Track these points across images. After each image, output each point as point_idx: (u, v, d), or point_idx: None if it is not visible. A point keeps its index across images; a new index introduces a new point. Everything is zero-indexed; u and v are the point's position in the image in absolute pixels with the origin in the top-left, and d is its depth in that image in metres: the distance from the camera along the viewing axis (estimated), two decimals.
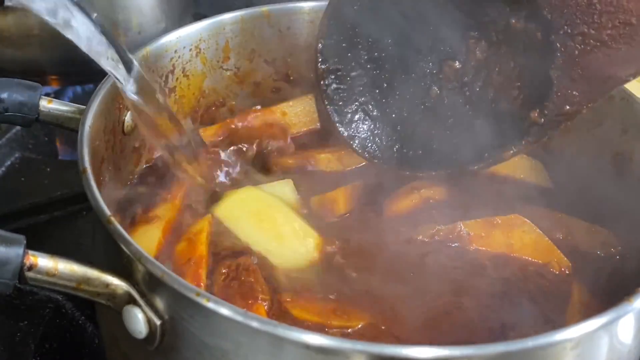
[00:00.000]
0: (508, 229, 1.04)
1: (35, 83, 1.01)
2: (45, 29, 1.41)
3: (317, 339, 0.71)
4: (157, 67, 1.15)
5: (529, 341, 0.73)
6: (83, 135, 0.94)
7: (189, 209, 1.07)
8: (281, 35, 1.27)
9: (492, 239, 1.04)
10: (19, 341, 1.08)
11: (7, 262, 0.77)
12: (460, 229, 1.03)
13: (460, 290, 0.98)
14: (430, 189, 1.12)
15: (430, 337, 0.91)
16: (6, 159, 1.39)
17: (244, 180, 1.14)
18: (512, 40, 1.05)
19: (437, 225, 1.05)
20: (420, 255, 1.03)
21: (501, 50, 1.07)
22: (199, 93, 1.24)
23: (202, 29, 1.20)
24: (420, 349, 0.71)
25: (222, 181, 1.14)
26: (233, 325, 0.74)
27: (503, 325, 0.93)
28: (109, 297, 0.81)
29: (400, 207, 1.10)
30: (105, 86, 1.02)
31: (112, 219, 0.82)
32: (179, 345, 0.80)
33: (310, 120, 1.26)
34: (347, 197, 1.11)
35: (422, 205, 1.10)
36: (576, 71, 0.99)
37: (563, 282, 1.02)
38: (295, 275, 0.99)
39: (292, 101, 1.26)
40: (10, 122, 1.00)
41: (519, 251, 1.03)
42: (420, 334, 0.91)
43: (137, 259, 0.78)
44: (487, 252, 1.03)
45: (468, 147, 1.10)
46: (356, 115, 1.17)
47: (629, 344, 0.84)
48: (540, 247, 1.03)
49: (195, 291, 0.75)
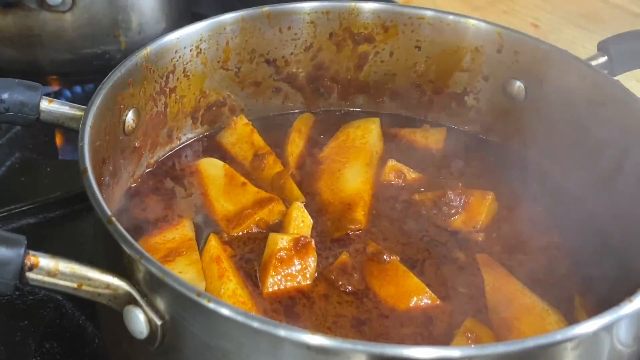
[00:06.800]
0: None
1: (35, 83, 1.01)
2: (45, 29, 1.42)
3: (317, 339, 0.71)
4: (158, 67, 1.15)
5: (529, 341, 0.73)
6: (84, 135, 0.94)
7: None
8: (281, 35, 1.27)
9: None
10: (19, 341, 1.08)
11: (8, 263, 0.77)
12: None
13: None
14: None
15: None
16: (6, 159, 1.39)
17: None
18: None
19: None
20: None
21: None
22: (199, 93, 1.24)
23: (202, 29, 1.20)
24: (420, 349, 0.71)
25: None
26: (234, 325, 0.74)
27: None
28: (109, 298, 0.81)
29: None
30: (106, 86, 1.02)
31: (113, 219, 0.82)
32: (180, 346, 0.80)
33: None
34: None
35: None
36: None
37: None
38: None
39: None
40: (10, 122, 1.00)
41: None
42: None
43: (138, 259, 0.78)
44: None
45: None
46: None
47: (630, 344, 0.84)
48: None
49: (196, 291, 0.75)
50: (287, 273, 0.99)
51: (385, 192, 1.18)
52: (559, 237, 1.11)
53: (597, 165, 1.13)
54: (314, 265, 1.01)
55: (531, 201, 1.16)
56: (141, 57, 1.11)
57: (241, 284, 0.98)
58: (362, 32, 1.30)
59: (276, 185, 1.16)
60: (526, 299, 0.99)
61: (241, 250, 1.05)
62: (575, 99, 1.16)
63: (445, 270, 1.04)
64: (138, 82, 1.11)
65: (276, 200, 1.11)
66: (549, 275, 1.05)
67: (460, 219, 1.12)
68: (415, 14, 1.28)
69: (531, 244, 1.09)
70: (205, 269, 0.99)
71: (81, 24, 1.43)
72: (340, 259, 1.03)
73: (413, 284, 1.00)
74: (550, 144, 1.21)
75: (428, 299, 0.98)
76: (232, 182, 1.15)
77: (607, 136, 1.11)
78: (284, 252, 0.99)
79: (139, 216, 1.09)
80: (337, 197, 1.15)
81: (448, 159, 1.27)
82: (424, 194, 1.16)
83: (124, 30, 1.46)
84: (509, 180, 1.19)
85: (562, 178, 1.19)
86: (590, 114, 1.14)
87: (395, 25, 1.29)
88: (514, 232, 1.11)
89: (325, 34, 1.29)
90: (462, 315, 0.97)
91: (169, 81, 1.18)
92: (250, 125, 1.25)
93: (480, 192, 1.15)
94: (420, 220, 1.13)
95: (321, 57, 1.31)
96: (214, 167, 1.18)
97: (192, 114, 1.24)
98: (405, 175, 1.20)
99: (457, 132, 1.32)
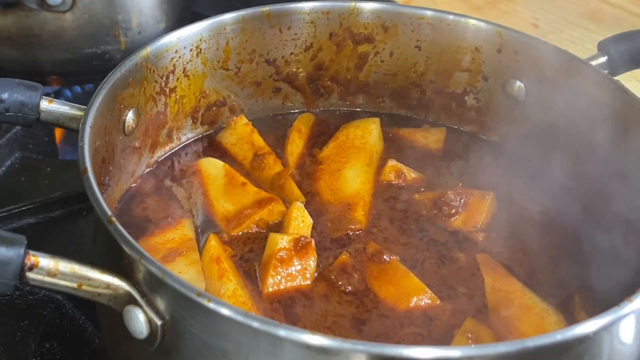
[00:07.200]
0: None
1: (35, 83, 1.01)
2: (45, 29, 1.42)
3: (317, 339, 0.71)
4: (158, 67, 1.15)
5: (529, 341, 0.73)
6: (84, 135, 0.94)
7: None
8: (281, 35, 1.27)
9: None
10: (19, 341, 1.08)
11: (8, 263, 0.77)
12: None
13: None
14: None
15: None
16: (6, 159, 1.39)
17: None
18: None
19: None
20: None
21: None
22: (199, 93, 1.24)
23: (202, 29, 1.20)
24: (420, 349, 0.71)
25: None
26: (234, 325, 0.74)
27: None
28: (109, 298, 0.81)
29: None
30: (106, 86, 1.02)
31: (113, 219, 0.82)
32: (180, 346, 0.80)
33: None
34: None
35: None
36: None
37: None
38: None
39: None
40: (10, 122, 1.00)
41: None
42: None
43: (138, 259, 0.78)
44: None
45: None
46: None
47: (630, 344, 0.84)
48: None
49: (196, 291, 0.75)
50: (287, 273, 0.99)
51: (385, 192, 1.18)
52: (559, 236, 1.11)
53: (597, 165, 1.13)
54: (314, 265, 1.01)
55: (531, 201, 1.16)
56: (141, 57, 1.11)
57: (241, 284, 0.98)
58: (362, 32, 1.30)
59: (276, 185, 1.16)
60: (526, 299, 0.99)
61: (241, 250, 1.05)
62: (575, 99, 1.16)
63: (445, 270, 1.04)
64: (138, 82, 1.11)
65: (276, 200, 1.11)
66: (549, 275, 1.05)
67: (460, 219, 1.12)
68: (415, 14, 1.28)
69: (531, 244, 1.09)
70: (205, 269, 0.99)
71: (81, 24, 1.43)
72: (340, 259, 1.03)
73: (413, 284, 1.00)
74: (550, 144, 1.21)
75: (428, 299, 0.98)
76: (232, 182, 1.15)
77: (607, 136, 1.11)
78: (284, 252, 0.99)
79: (139, 216, 1.09)
80: (337, 197, 1.15)
81: (448, 159, 1.27)
82: (424, 194, 1.16)
83: (124, 30, 1.46)
84: (509, 180, 1.20)
85: (562, 178, 1.19)
86: (590, 114, 1.14)
87: (395, 25, 1.29)
88: (514, 232, 1.11)
89: (325, 34, 1.29)
90: (462, 315, 0.97)
91: (169, 81, 1.18)
92: (250, 125, 1.25)
93: (480, 192, 1.15)
94: (420, 220, 1.13)
95: (321, 57, 1.31)
96: (214, 167, 1.18)
97: (192, 113, 1.25)
98: (405, 175, 1.20)
99: (457, 132, 1.33)
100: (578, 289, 1.02)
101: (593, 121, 1.13)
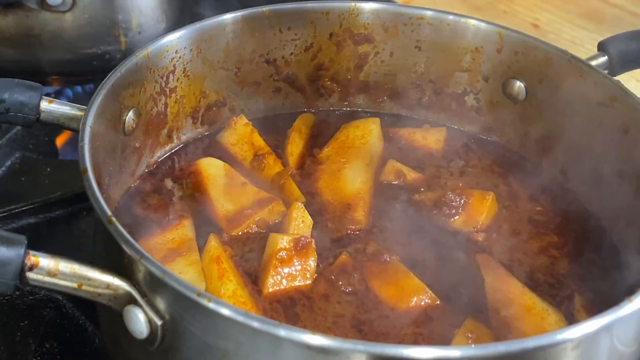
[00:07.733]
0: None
1: (36, 83, 1.01)
2: (45, 29, 1.42)
3: (317, 339, 0.71)
4: (158, 67, 1.15)
5: (529, 341, 0.73)
6: (84, 135, 0.94)
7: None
8: (281, 35, 1.27)
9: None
10: (19, 341, 1.08)
11: (8, 263, 0.77)
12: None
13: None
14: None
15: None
16: (6, 159, 1.39)
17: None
18: None
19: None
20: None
21: None
22: (199, 93, 1.24)
23: (202, 29, 1.20)
24: (420, 349, 0.71)
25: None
26: (234, 325, 0.74)
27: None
28: (109, 298, 0.81)
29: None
30: (106, 86, 1.02)
31: (113, 219, 0.82)
32: (180, 346, 0.80)
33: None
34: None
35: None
36: None
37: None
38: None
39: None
40: (11, 122, 1.00)
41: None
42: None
43: (138, 259, 0.78)
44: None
45: None
46: None
47: (630, 344, 0.84)
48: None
49: (196, 291, 0.75)
50: (287, 273, 0.99)
51: (385, 192, 1.18)
52: (559, 237, 1.11)
53: (597, 165, 1.13)
54: (314, 265, 1.01)
55: (531, 201, 1.16)
56: (141, 57, 1.11)
57: (241, 284, 0.98)
58: (362, 33, 1.30)
59: (276, 185, 1.16)
60: (526, 299, 0.99)
61: (241, 250, 1.05)
62: (575, 99, 1.16)
63: (445, 270, 1.04)
64: (138, 82, 1.11)
65: (276, 200, 1.11)
66: (549, 275, 1.05)
67: (460, 219, 1.12)
68: (415, 14, 1.28)
69: (531, 244, 1.09)
70: (205, 269, 0.99)
71: (81, 24, 1.43)
72: (340, 259, 1.03)
73: (413, 284, 1.00)
74: (550, 144, 1.21)
75: (428, 299, 0.98)
76: (232, 182, 1.15)
77: (607, 136, 1.11)
78: (284, 252, 1.00)
79: (139, 216, 1.09)
80: (337, 197, 1.15)
81: (448, 159, 1.27)
82: (424, 194, 1.16)
83: (124, 30, 1.46)
84: (509, 180, 1.20)
85: (562, 178, 1.19)
86: (590, 114, 1.14)
87: (395, 25, 1.29)
88: (514, 232, 1.11)
89: (325, 34, 1.29)
90: (462, 315, 0.97)
91: (169, 81, 1.18)
92: (250, 125, 1.25)
93: (480, 192, 1.15)
94: (420, 221, 1.13)
95: (321, 58, 1.31)
96: (214, 167, 1.18)
97: (192, 114, 1.25)
98: (405, 175, 1.20)
99: (457, 132, 1.32)
100: (578, 289, 1.02)
101: (593, 121, 1.13)
